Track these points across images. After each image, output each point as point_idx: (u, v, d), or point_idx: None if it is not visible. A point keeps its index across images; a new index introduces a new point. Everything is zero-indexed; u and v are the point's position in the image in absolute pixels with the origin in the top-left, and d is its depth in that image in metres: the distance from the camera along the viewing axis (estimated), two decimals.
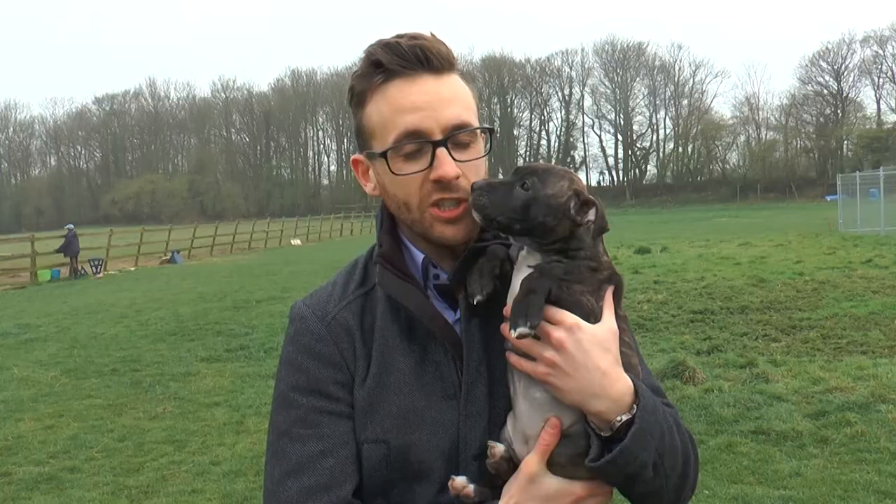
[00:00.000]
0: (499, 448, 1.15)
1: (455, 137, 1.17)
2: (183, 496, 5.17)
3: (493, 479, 1.16)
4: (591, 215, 1.13)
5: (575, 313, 1.10)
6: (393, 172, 1.19)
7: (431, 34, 1.22)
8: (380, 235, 1.25)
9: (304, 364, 1.22)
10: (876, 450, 5.25)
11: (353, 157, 1.29)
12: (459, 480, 1.15)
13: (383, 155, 1.19)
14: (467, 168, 1.18)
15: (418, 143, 1.16)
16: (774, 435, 5.65)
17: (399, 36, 1.21)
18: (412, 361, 1.20)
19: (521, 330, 1.05)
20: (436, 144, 1.16)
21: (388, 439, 1.17)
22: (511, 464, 1.15)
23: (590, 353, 1.09)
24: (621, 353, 1.14)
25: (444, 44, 1.21)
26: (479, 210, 1.13)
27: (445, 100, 1.17)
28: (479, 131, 1.21)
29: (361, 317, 1.24)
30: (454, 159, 1.16)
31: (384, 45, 1.19)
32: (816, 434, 5.62)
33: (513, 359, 1.14)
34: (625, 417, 1.10)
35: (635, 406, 1.11)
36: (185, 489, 5.28)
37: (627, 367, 1.15)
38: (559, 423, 1.13)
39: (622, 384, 1.11)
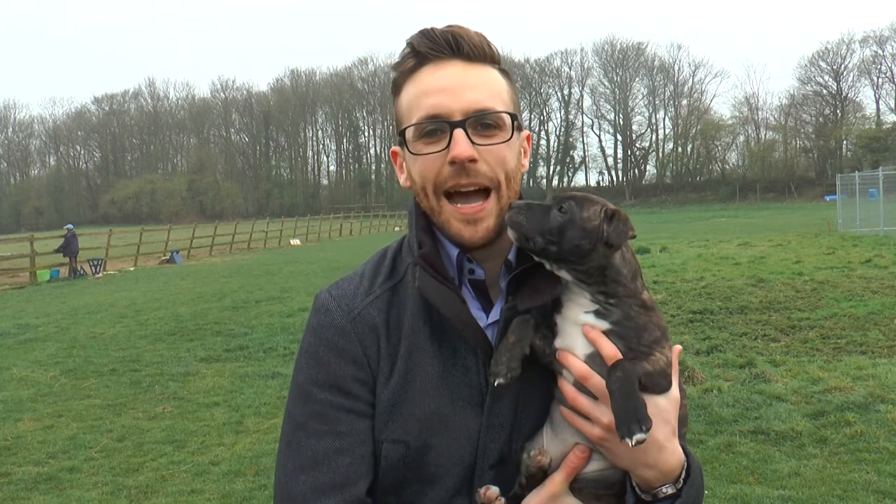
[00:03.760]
0: (545, 459, 1.14)
1: (477, 122, 1.15)
2: (182, 496, 5.17)
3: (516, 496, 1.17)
4: (618, 223, 1.11)
5: (654, 390, 1.09)
6: (411, 152, 1.18)
7: (477, 32, 1.21)
8: (417, 234, 1.21)
9: (326, 358, 1.20)
10: (875, 450, 5.25)
11: (392, 148, 1.28)
12: (494, 490, 1.14)
13: (402, 133, 1.18)
14: (487, 153, 1.15)
15: (436, 123, 1.14)
16: (774, 435, 5.65)
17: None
18: (440, 365, 1.17)
19: (639, 436, 1.02)
20: (453, 125, 1.13)
21: (408, 440, 1.16)
22: (544, 474, 1.15)
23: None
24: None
25: (483, 37, 1.20)
26: (514, 228, 1.11)
27: (470, 85, 1.16)
28: (510, 123, 1.18)
29: (388, 313, 1.21)
30: (473, 143, 1.14)
31: (420, 32, 1.19)
32: (815, 434, 5.62)
33: (566, 413, 1.14)
34: (669, 491, 1.10)
35: (682, 480, 1.11)
36: (184, 489, 5.28)
37: (683, 422, 1.16)
38: (588, 450, 1.13)
39: (675, 459, 1.11)
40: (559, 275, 1.13)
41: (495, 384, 1.10)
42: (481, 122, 1.15)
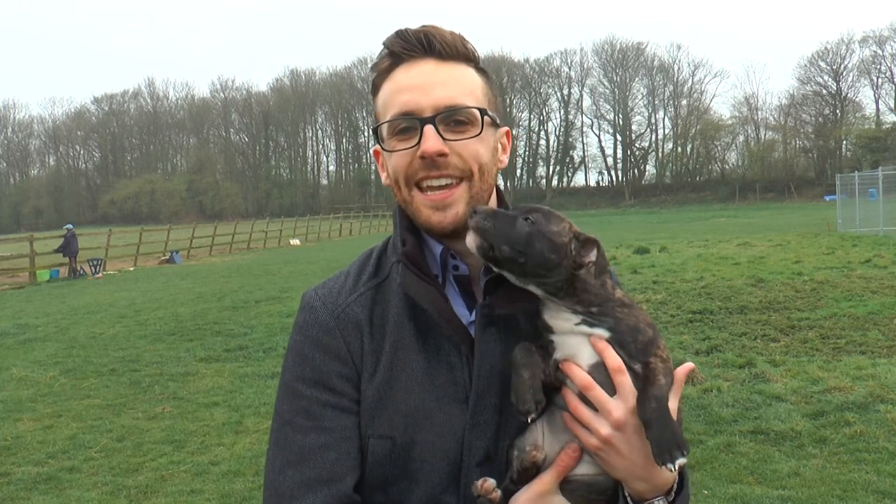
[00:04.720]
0: (540, 454, 1.15)
1: (448, 118, 1.16)
2: (182, 496, 5.17)
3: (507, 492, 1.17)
4: (593, 256, 1.10)
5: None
6: (385, 149, 1.21)
7: (452, 32, 1.23)
8: (401, 232, 1.23)
9: (311, 355, 1.21)
10: (875, 450, 5.25)
11: (374, 148, 1.30)
12: (490, 482, 1.14)
13: (375, 130, 1.21)
14: (460, 148, 1.17)
15: (406, 119, 1.17)
16: (773, 435, 5.66)
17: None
18: (425, 361, 1.18)
19: (681, 461, 1.04)
20: (423, 121, 1.15)
21: (394, 436, 1.17)
22: (537, 470, 1.15)
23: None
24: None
25: (458, 36, 1.22)
26: (480, 234, 1.10)
27: (440, 82, 1.18)
28: (482, 119, 1.19)
29: (371, 310, 1.22)
30: (444, 138, 1.16)
31: (395, 33, 1.22)
32: (815, 434, 5.62)
33: (567, 419, 1.14)
34: (661, 503, 1.13)
35: (674, 494, 1.13)
36: (183, 489, 5.28)
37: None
38: (580, 449, 1.14)
39: (669, 474, 1.12)
40: (528, 289, 1.13)
41: (528, 421, 1.11)
42: (452, 118, 1.17)
